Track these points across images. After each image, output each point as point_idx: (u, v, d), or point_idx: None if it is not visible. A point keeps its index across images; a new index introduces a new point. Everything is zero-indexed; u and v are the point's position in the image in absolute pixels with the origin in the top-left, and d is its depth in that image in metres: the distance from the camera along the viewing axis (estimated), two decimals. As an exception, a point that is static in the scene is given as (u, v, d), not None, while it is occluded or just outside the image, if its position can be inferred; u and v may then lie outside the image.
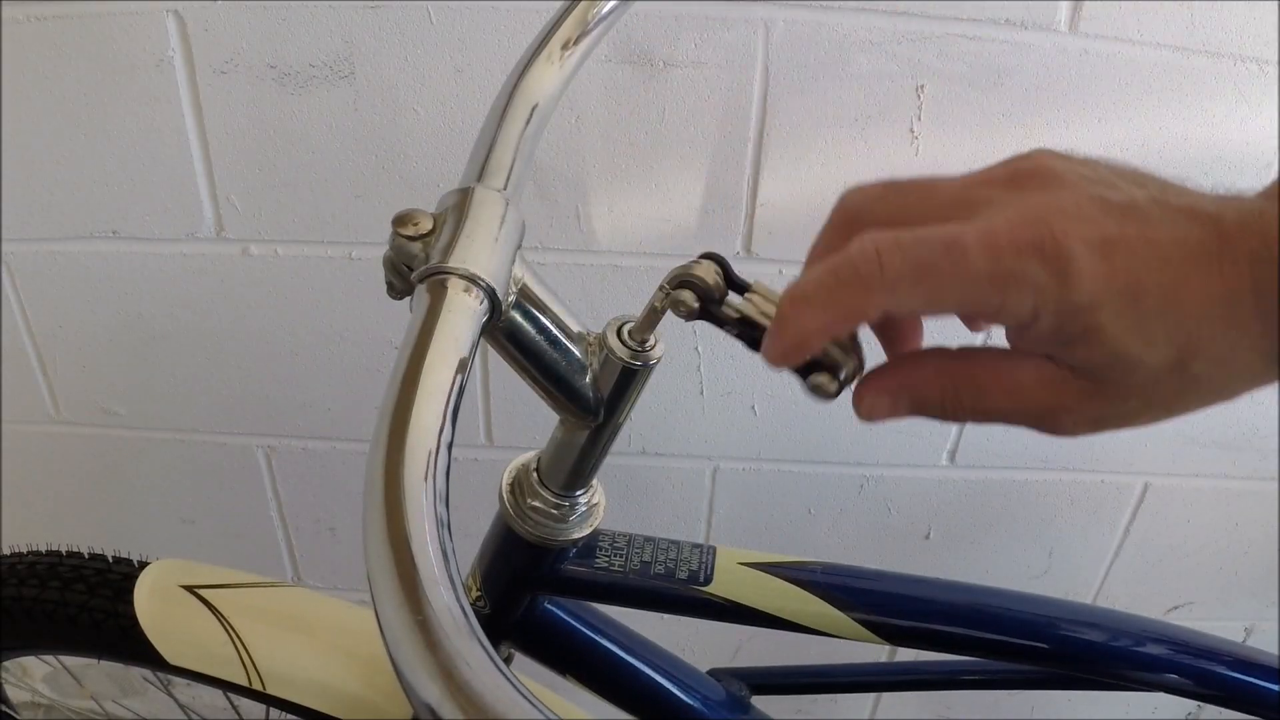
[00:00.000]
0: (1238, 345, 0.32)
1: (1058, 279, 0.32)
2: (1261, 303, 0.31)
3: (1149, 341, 0.33)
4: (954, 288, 0.33)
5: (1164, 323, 0.32)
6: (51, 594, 0.70)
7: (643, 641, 0.67)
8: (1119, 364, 0.33)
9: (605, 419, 0.50)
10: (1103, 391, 0.34)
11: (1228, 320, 0.32)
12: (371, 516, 0.29)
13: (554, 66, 0.51)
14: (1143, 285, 0.32)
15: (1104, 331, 0.32)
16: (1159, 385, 0.34)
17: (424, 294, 0.38)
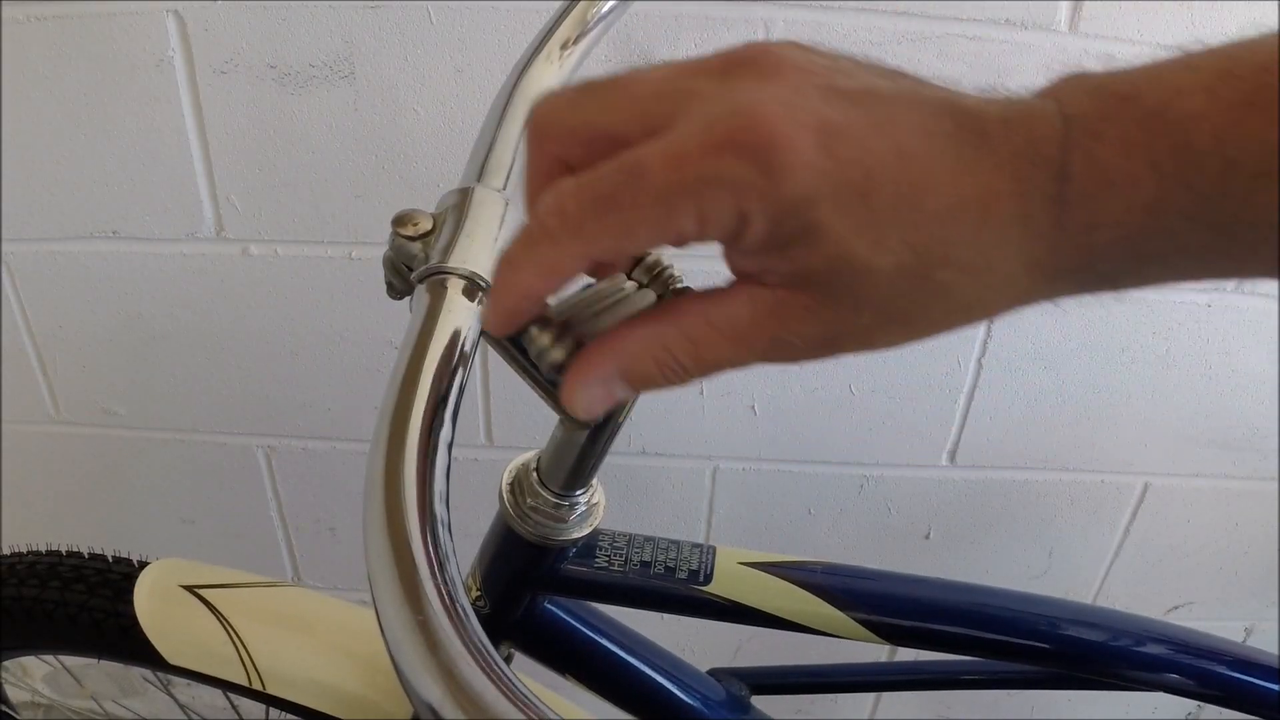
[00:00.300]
0: (994, 252, 0.29)
1: (763, 172, 0.28)
2: (1025, 204, 0.28)
3: (879, 243, 0.29)
4: (643, 215, 0.29)
5: (899, 223, 0.28)
6: (51, 594, 0.70)
7: (643, 641, 0.67)
8: (845, 269, 0.29)
9: (605, 418, 0.50)
10: (829, 304, 0.30)
11: (981, 223, 0.29)
12: (372, 516, 0.29)
13: (554, 66, 0.51)
14: (873, 179, 0.28)
15: (824, 230, 0.28)
16: (896, 296, 0.30)
17: (424, 294, 0.38)
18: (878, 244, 0.29)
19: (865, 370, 1.04)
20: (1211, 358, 1.04)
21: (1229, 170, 0.27)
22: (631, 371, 0.33)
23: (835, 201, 0.28)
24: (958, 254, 0.29)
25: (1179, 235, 0.28)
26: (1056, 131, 0.28)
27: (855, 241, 0.29)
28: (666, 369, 0.32)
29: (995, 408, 1.07)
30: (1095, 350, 1.03)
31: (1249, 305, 1.00)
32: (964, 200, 0.28)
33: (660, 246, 0.31)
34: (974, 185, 0.28)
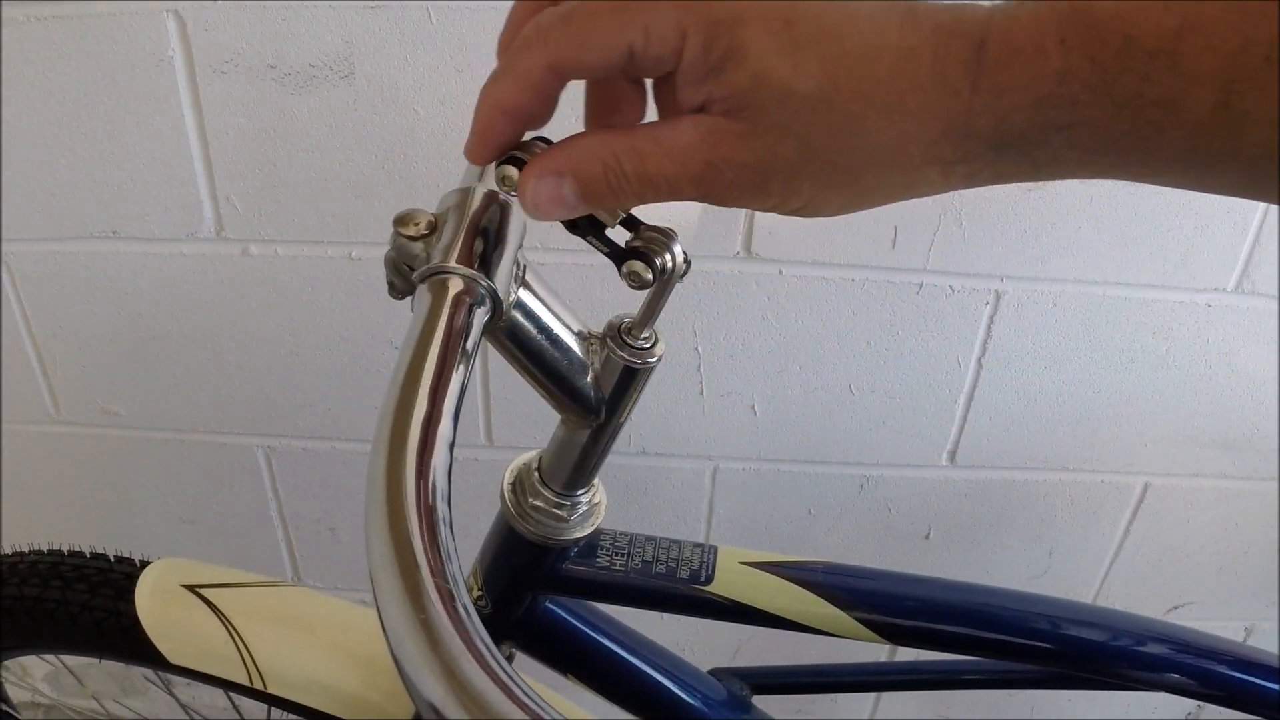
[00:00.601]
0: (908, 98, 0.32)
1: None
2: (941, 66, 0.31)
3: (798, 66, 0.32)
4: (600, 24, 0.34)
5: (819, 52, 0.32)
6: (53, 593, 0.70)
7: (644, 641, 0.67)
8: (766, 88, 0.32)
9: (607, 418, 0.50)
10: (756, 132, 0.33)
11: (896, 69, 0.32)
12: (373, 516, 0.29)
13: None
14: (798, 11, 0.32)
15: (748, 48, 0.32)
16: (815, 127, 0.33)
17: (425, 294, 0.38)
18: (796, 67, 0.32)
19: (865, 370, 1.04)
20: (1211, 358, 1.04)
21: (1128, 46, 0.29)
22: (580, 171, 0.36)
23: (761, 25, 0.32)
24: (872, 90, 0.32)
25: (1083, 106, 0.31)
26: (981, 13, 0.32)
27: (775, 60, 0.32)
28: (611, 173, 0.36)
29: (995, 408, 1.07)
30: (1095, 350, 1.03)
31: (1249, 305, 1.00)
32: (883, 47, 0.32)
33: (614, 63, 0.35)
34: (895, 38, 0.32)
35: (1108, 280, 0.99)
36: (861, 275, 0.98)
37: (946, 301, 1.00)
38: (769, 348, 1.03)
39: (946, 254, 0.97)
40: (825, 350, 1.03)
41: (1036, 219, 0.95)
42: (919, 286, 0.99)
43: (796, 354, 1.03)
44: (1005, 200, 0.93)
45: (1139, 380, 1.06)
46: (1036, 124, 0.31)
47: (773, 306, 1.00)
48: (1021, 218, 0.95)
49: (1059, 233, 0.95)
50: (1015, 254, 0.97)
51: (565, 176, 0.37)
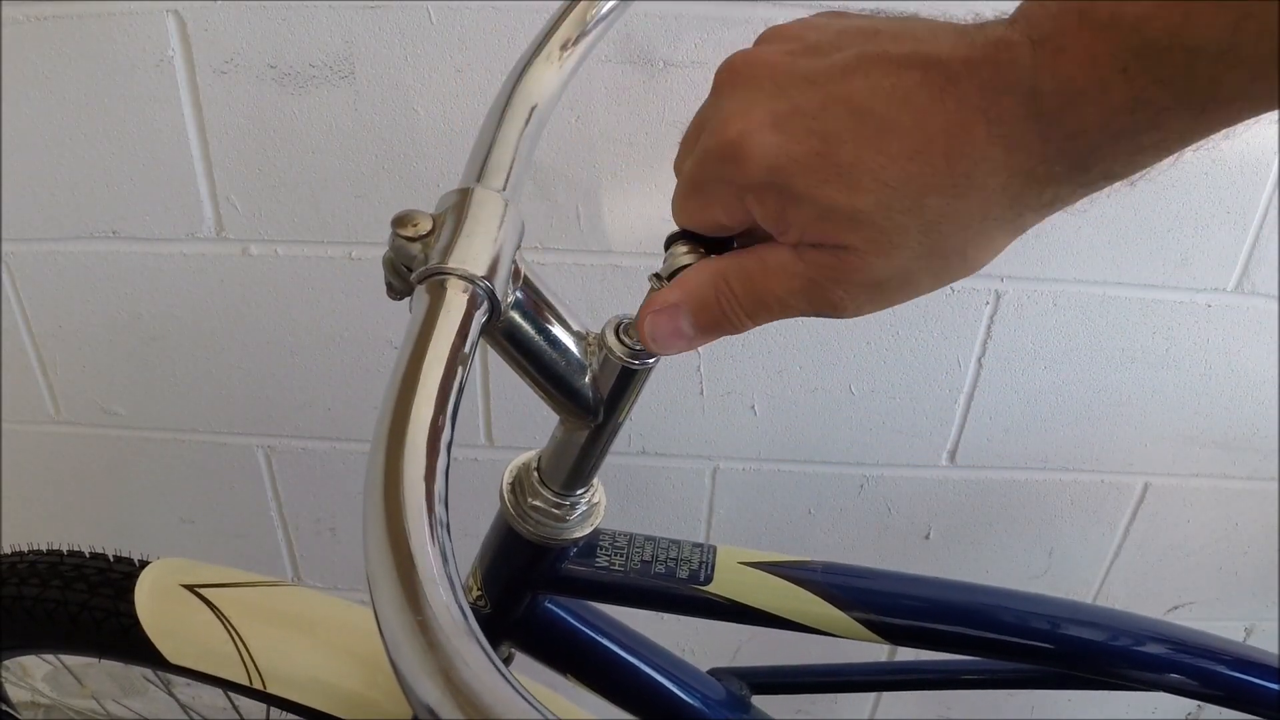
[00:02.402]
0: (975, 172, 0.32)
1: (736, 166, 0.35)
2: (1000, 128, 0.31)
3: (853, 187, 0.33)
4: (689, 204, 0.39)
5: (867, 168, 0.33)
6: (53, 593, 0.70)
7: (643, 641, 0.67)
8: (834, 215, 0.34)
9: (605, 419, 0.50)
10: (847, 251, 0.35)
11: (952, 152, 0.32)
12: (371, 517, 0.29)
13: (553, 67, 0.51)
14: (830, 141, 0.33)
15: (798, 189, 0.34)
16: (896, 229, 0.34)
17: (423, 294, 0.38)
18: (852, 188, 0.33)
19: (865, 370, 1.04)
20: (1211, 358, 1.04)
21: (1193, 59, 0.28)
22: (692, 298, 0.39)
23: (799, 166, 0.34)
24: (937, 183, 0.33)
25: (1164, 124, 0.30)
26: (1024, 56, 0.31)
27: (828, 190, 0.34)
28: (723, 296, 0.38)
29: (995, 408, 1.07)
30: (1095, 350, 1.03)
31: (1249, 305, 1.00)
32: (930, 136, 0.32)
33: (713, 231, 0.39)
34: (940, 122, 0.32)
35: (1108, 280, 0.99)
36: (861, 275, 0.98)
37: (946, 301, 1.00)
38: (769, 348, 1.03)
39: (946, 254, 0.96)
40: (825, 350, 1.03)
41: (1036, 219, 0.95)
42: (919, 286, 0.99)
43: (796, 354, 1.03)
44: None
45: (1139, 380, 1.05)
46: (1120, 151, 0.31)
47: (773, 306, 0.99)
48: (1021, 218, 0.95)
49: (1059, 233, 0.95)
50: (1015, 254, 0.96)
51: (680, 307, 0.39)
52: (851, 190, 0.33)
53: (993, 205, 0.33)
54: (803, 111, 0.34)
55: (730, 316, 0.38)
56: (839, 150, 0.33)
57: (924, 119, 0.32)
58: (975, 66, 0.32)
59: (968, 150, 0.32)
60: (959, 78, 0.32)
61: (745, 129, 0.35)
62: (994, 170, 0.32)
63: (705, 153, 0.37)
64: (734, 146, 0.35)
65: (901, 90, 0.33)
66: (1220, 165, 0.92)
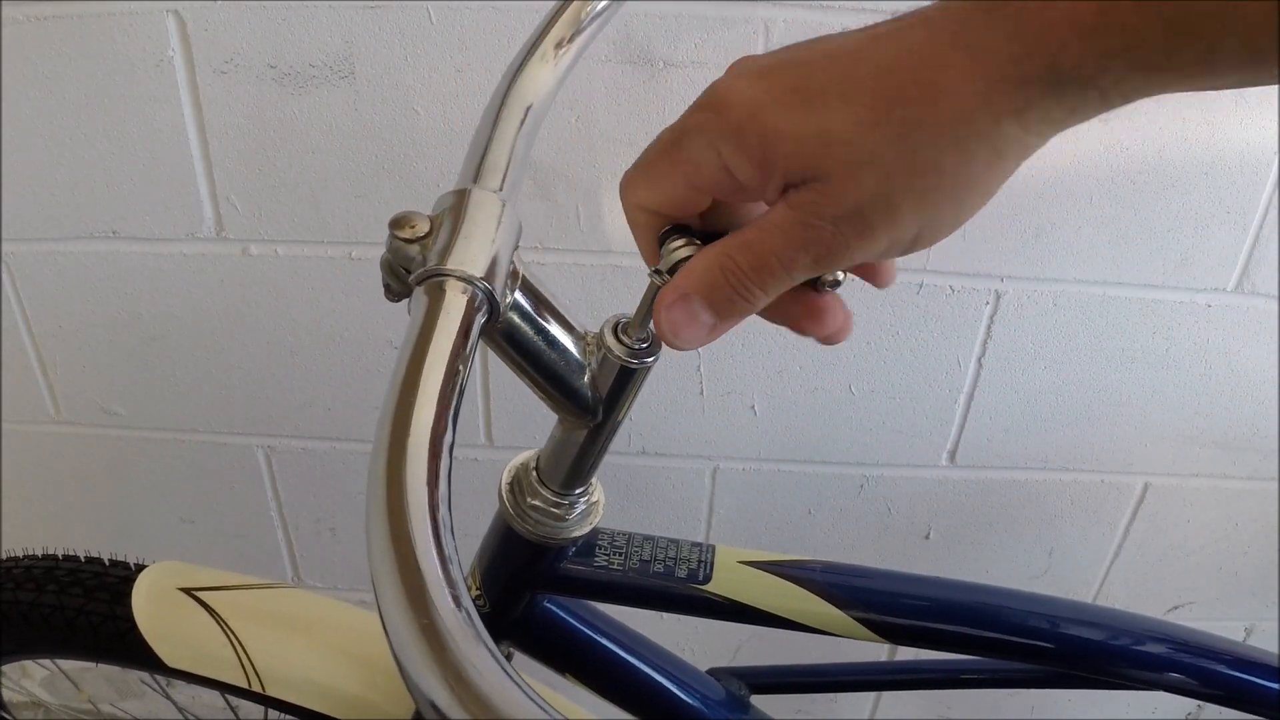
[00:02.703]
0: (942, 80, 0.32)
1: (715, 112, 0.36)
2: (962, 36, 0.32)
3: (823, 108, 0.34)
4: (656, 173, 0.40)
5: (837, 90, 0.33)
6: (49, 598, 0.70)
7: (642, 640, 0.67)
8: (807, 141, 0.34)
9: (604, 418, 0.50)
10: (826, 183, 0.34)
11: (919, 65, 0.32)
12: (374, 522, 0.29)
13: (548, 66, 0.51)
14: (806, 78, 0.34)
15: (778, 129, 0.34)
16: (873, 148, 0.33)
17: (422, 296, 0.38)
18: (822, 110, 0.34)
19: (865, 370, 1.04)
20: (1211, 358, 1.04)
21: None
22: (702, 283, 0.38)
23: (776, 103, 0.35)
24: (904, 91, 0.33)
25: (1131, 30, 0.29)
26: None
27: (799, 117, 0.34)
28: (730, 274, 0.38)
29: (995, 408, 1.07)
30: (1095, 350, 1.03)
31: (1249, 305, 1.00)
32: (896, 55, 0.33)
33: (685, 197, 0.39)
34: (905, 44, 0.33)
35: (1108, 280, 0.99)
36: (861, 275, 0.98)
37: (946, 301, 1.00)
38: (769, 348, 1.03)
39: (947, 254, 0.97)
40: (825, 350, 1.03)
41: (1037, 219, 0.95)
42: (919, 286, 0.99)
43: (796, 354, 1.03)
44: (1006, 200, 0.93)
45: (1139, 380, 1.05)
46: (1092, 54, 0.30)
47: (772, 306, 1.00)
48: (1022, 217, 0.95)
49: (1059, 233, 0.95)
50: (1015, 254, 0.97)
51: (692, 296, 0.39)
52: (822, 112, 0.34)
53: (964, 111, 0.32)
54: (783, 64, 0.36)
55: (741, 291, 0.38)
56: (810, 82, 0.34)
57: (892, 44, 0.33)
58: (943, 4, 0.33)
59: (932, 59, 0.32)
60: (929, 15, 0.33)
61: (727, 83, 0.36)
62: (963, 76, 0.32)
63: (688, 110, 0.38)
64: (715, 94, 0.36)
65: (873, 32, 0.34)
66: (1220, 165, 0.92)
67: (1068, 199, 0.94)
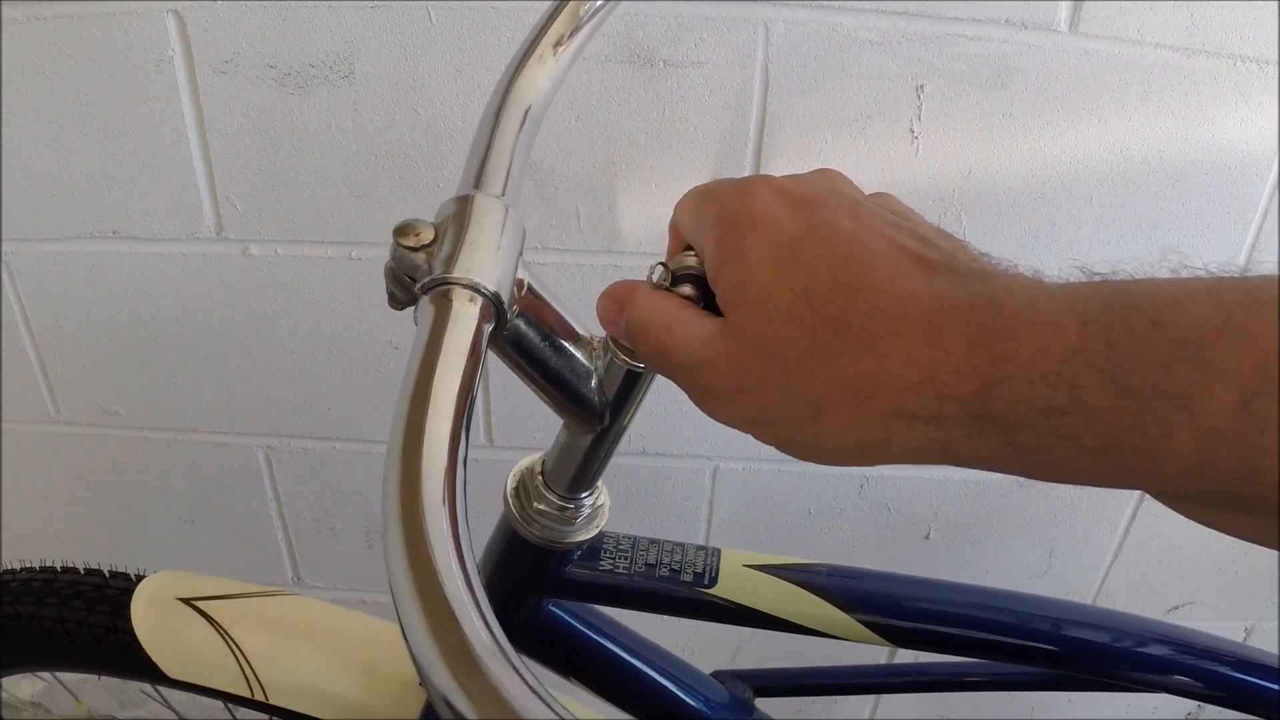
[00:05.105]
0: (880, 344, 0.31)
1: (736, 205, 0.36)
2: (937, 318, 0.30)
3: (783, 277, 0.33)
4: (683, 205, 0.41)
5: (811, 272, 0.33)
6: (49, 610, 0.69)
7: (646, 644, 0.67)
8: (749, 289, 0.34)
9: (611, 422, 0.50)
10: (739, 338, 0.34)
11: (875, 312, 0.31)
12: (392, 540, 0.29)
13: (546, 67, 0.50)
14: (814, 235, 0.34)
15: (746, 252, 0.35)
16: (787, 342, 0.33)
17: (429, 306, 0.37)
18: (782, 278, 0.33)
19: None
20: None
21: (1151, 333, 0.27)
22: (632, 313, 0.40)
23: (769, 234, 0.35)
24: (846, 320, 0.32)
25: (1083, 390, 0.28)
26: (1018, 282, 0.31)
27: (766, 268, 0.34)
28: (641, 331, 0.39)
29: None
30: (1095, 350, 1.03)
31: (1249, 305, 1.00)
32: (875, 287, 0.32)
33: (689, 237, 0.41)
34: (895, 284, 0.32)
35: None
36: (862, 275, 0.98)
37: (947, 301, 0.99)
38: (769, 348, 1.02)
39: (947, 254, 0.96)
40: (826, 350, 1.03)
41: (1037, 219, 0.95)
42: (919, 286, 0.99)
43: (797, 354, 1.03)
44: (1006, 199, 0.93)
45: (1139, 380, 1.05)
46: (1025, 401, 0.29)
47: (773, 306, 0.99)
48: (1022, 217, 0.95)
49: (1059, 232, 0.95)
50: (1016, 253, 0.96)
51: (625, 311, 0.41)
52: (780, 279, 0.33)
53: (874, 384, 0.31)
54: (816, 220, 0.35)
55: (641, 350, 0.40)
56: (810, 245, 0.34)
57: (890, 271, 0.32)
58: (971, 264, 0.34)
59: (891, 318, 0.31)
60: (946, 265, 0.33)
61: (769, 198, 0.36)
62: (902, 351, 0.31)
63: (736, 179, 0.38)
64: (751, 198, 0.36)
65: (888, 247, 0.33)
66: (1220, 165, 0.92)
67: (1068, 199, 0.93)
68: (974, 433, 0.30)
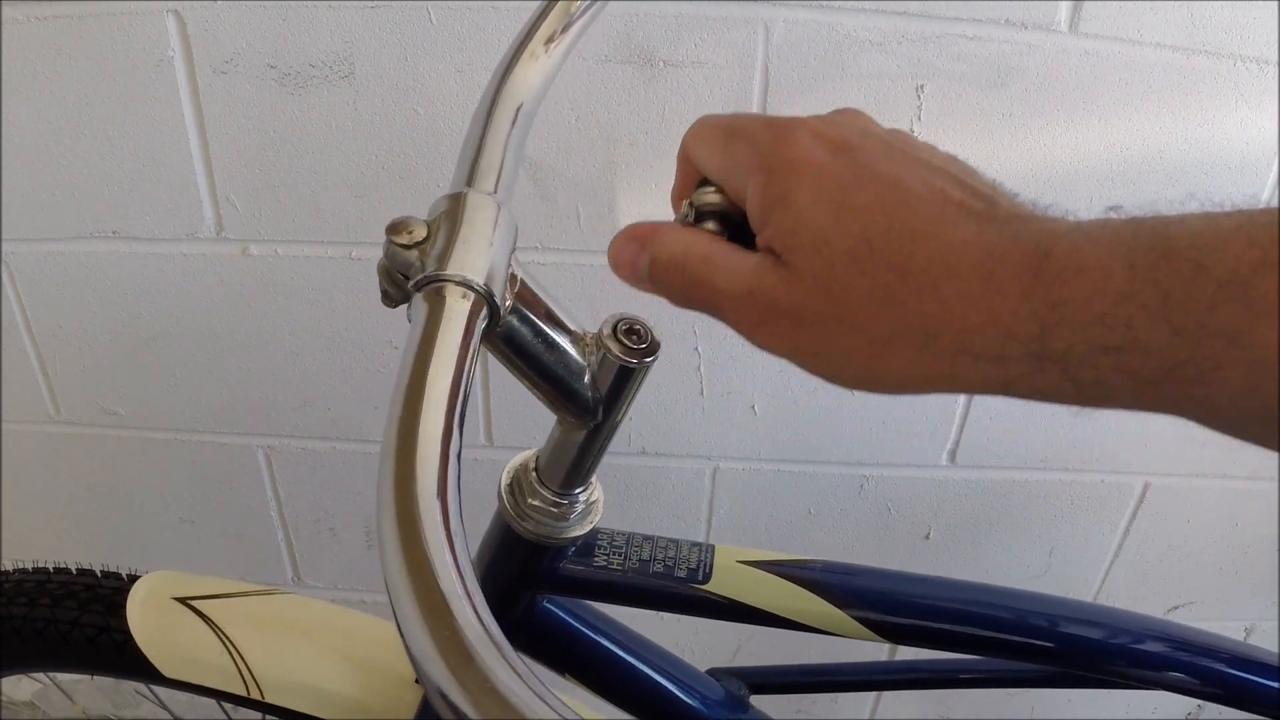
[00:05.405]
0: (943, 288, 0.32)
1: (776, 151, 0.36)
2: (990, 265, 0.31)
3: (839, 223, 0.34)
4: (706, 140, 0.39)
5: (865, 217, 0.33)
6: (42, 611, 0.69)
7: (642, 641, 0.67)
8: (803, 235, 0.34)
9: (604, 418, 0.50)
10: (794, 277, 0.34)
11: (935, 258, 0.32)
12: (387, 537, 0.29)
13: (537, 64, 0.51)
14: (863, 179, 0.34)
15: (795, 197, 0.35)
16: (848, 284, 0.33)
17: (421, 303, 0.37)
18: (837, 224, 0.34)
19: (865, 370, 1.04)
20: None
21: (1197, 274, 0.28)
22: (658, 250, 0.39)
23: (815, 179, 0.35)
24: (907, 266, 0.32)
25: (1137, 329, 0.29)
26: (1057, 225, 0.32)
27: (818, 212, 0.34)
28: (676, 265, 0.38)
29: (995, 408, 1.07)
30: (1095, 350, 1.03)
31: (1249, 305, 1.00)
32: (931, 233, 0.32)
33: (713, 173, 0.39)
34: (948, 230, 0.32)
35: (1108, 280, 0.99)
36: (861, 275, 0.98)
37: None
38: (769, 347, 1.02)
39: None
40: (825, 350, 1.03)
41: (1036, 219, 0.94)
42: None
43: (796, 354, 1.03)
44: (1005, 200, 0.93)
45: (1139, 380, 1.05)
46: (1085, 342, 0.30)
47: (772, 306, 0.99)
48: (1021, 217, 0.95)
49: (1059, 232, 0.95)
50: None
51: (646, 250, 0.39)
52: (836, 225, 0.34)
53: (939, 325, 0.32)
54: (852, 164, 0.35)
55: (675, 286, 0.39)
56: (860, 188, 0.34)
57: (939, 215, 0.33)
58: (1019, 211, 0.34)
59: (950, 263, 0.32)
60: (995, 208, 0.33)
61: (809, 141, 0.36)
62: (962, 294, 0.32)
63: (772, 122, 0.37)
64: (792, 139, 0.36)
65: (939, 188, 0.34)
66: (1220, 165, 0.92)
67: (1068, 199, 0.93)
68: (1034, 370, 0.31)
